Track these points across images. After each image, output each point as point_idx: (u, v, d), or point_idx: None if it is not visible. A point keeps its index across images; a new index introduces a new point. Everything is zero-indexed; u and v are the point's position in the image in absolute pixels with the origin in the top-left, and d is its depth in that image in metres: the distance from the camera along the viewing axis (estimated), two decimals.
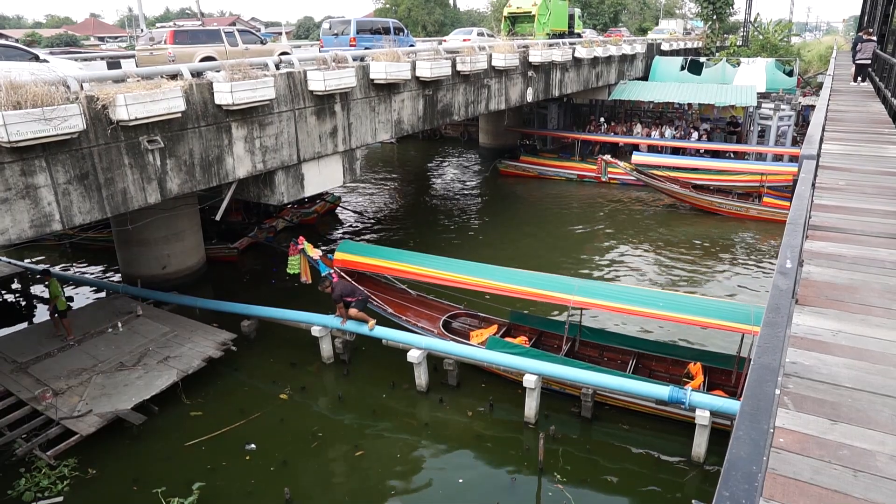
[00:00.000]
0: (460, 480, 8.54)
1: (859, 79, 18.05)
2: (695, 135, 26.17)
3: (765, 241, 18.03)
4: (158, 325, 11.68)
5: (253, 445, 9.21)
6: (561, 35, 30.00)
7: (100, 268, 16.62)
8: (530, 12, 29.25)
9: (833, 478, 2.45)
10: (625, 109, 29.80)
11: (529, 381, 9.41)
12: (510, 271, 11.00)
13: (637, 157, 21.87)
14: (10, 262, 15.66)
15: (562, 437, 9.28)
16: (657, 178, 20.78)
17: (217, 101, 9.56)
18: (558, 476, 8.52)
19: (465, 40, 25.33)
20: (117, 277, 15.39)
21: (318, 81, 11.12)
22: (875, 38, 18.70)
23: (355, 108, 12.57)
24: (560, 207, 21.95)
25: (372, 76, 12.70)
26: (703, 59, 32.89)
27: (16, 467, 8.55)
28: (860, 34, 18.91)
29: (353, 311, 10.85)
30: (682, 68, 31.12)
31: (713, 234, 18.55)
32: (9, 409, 9.50)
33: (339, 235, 18.97)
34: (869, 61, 17.82)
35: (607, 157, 20.87)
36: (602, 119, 28.15)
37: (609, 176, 22.09)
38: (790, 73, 30.87)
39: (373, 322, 10.88)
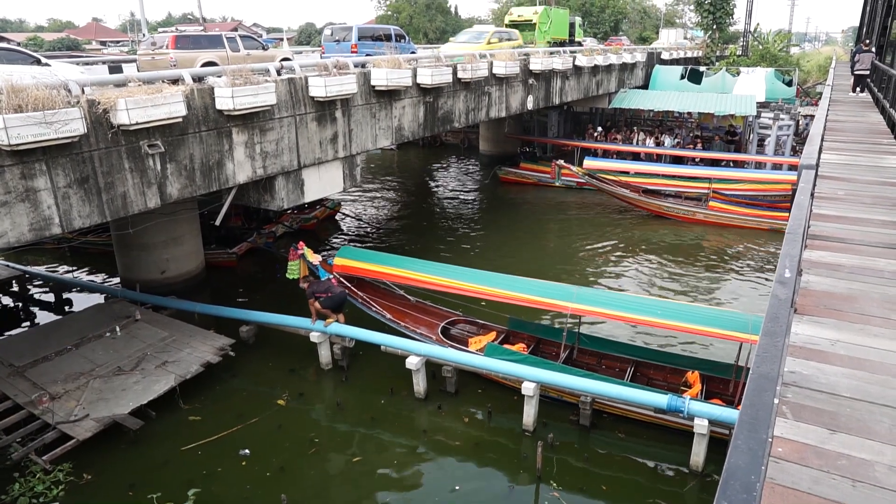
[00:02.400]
0: (457, 487, 8.51)
1: (858, 89, 18.14)
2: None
3: (729, 245, 18.07)
4: (157, 329, 11.65)
5: (247, 451, 9.17)
6: (562, 43, 30.14)
7: (99, 272, 16.60)
8: (531, 21, 29.38)
9: (832, 488, 2.45)
10: (625, 118, 29.88)
11: (528, 388, 9.39)
12: (509, 278, 11.00)
13: (589, 162, 22.60)
14: (8, 266, 15.64)
15: (560, 445, 9.26)
16: (608, 183, 21.36)
17: (218, 107, 9.58)
18: (556, 484, 8.49)
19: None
20: (116, 281, 15.37)
21: (320, 87, 11.14)
22: (873, 49, 18.82)
23: (356, 114, 12.60)
24: (559, 214, 21.98)
25: (373, 83, 12.74)
26: (702, 69, 33.00)
27: (10, 472, 8.50)
28: (860, 45, 19.03)
29: (315, 304, 10.97)
30: (682, 77, 31.21)
31: (695, 240, 18.58)
32: (5, 413, 9.46)
33: (338, 241, 18.97)
34: (867, 72, 17.91)
35: (560, 161, 21.56)
36: (599, 128, 28.20)
37: (562, 180, 22.76)
38: (789, 83, 30.99)
39: (329, 321, 11.05)
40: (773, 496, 2.38)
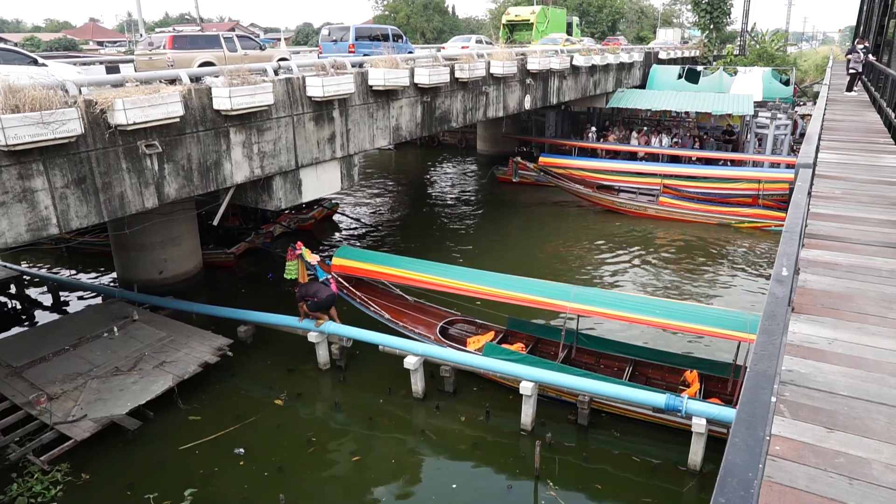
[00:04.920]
0: (454, 486, 8.52)
1: (855, 89, 18.17)
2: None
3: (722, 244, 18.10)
4: (154, 329, 11.64)
5: (241, 450, 9.17)
6: None
7: (96, 272, 16.58)
8: (529, 20, 29.48)
9: (829, 486, 2.46)
10: (622, 117, 29.92)
11: (526, 388, 9.40)
12: (507, 277, 11.01)
13: (544, 159, 23.77)
14: (6, 266, 15.61)
15: (558, 445, 9.27)
16: (562, 179, 22.26)
17: (215, 107, 9.57)
18: (554, 484, 8.49)
19: (463, 47, 25.47)
20: (114, 281, 15.35)
21: (317, 87, 11.14)
22: (858, 47, 18.90)
23: (353, 114, 12.59)
24: (556, 214, 21.99)
25: (370, 83, 12.74)
26: (700, 68, 33.04)
27: (8, 472, 8.48)
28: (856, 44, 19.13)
29: (303, 307, 11.09)
30: (680, 77, 31.25)
31: (692, 240, 18.61)
32: (3, 414, 9.45)
33: (336, 241, 18.96)
34: (857, 70, 18.00)
35: (517, 158, 22.92)
36: (593, 128, 28.22)
37: (520, 176, 23.70)
38: (787, 83, 31.04)
39: (320, 321, 11.12)
40: (771, 494, 2.38)
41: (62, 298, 14.97)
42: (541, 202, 23.35)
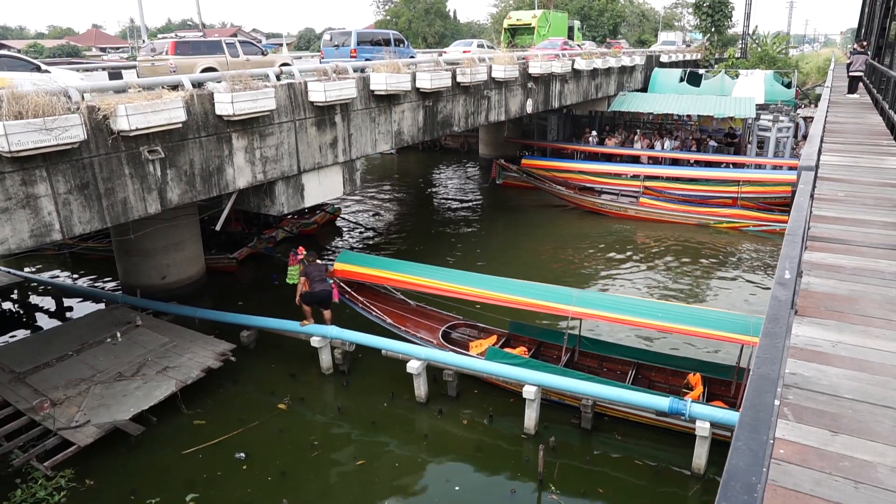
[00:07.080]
0: (457, 489, 8.50)
1: (857, 92, 18.15)
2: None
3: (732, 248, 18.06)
4: (157, 335, 11.65)
5: (242, 454, 9.16)
6: None
7: (99, 278, 16.60)
8: (530, 24, 29.54)
9: (834, 489, 2.44)
10: (624, 121, 29.92)
11: (529, 391, 9.38)
12: (509, 282, 11.00)
13: (526, 161, 24.16)
14: (9, 272, 15.64)
15: (561, 449, 9.24)
16: (544, 181, 22.70)
17: (218, 112, 9.60)
18: (558, 488, 8.47)
19: (465, 52, 25.50)
20: (116, 287, 15.36)
21: (319, 92, 11.16)
22: (868, 50, 18.86)
23: (356, 118, 12.61)
24: (558, 217, 21.97)
25: (372, 87, 12.76)
26: (701, 71, 33.05)
27: (12, 478, 8.49)
28: (854, 46, 19.09)
29: (304, 285, 11.13)
30: (682, 80, 31.26)
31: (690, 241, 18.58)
32: (6, 420, 9.44)
33: (338, 246, 18.97)
34: (862, 73, 17.96)
35: (501, 160, 23.33)
36: (594, 132, 28.21)
37: (504, 177, 24.03)
38: (788, 85, 31.03)
39: (305, 322, 11.27)
40: (775, 498, 2.37)
41: (65, 304, 14.99)
42: (542, 205, 23.32)
